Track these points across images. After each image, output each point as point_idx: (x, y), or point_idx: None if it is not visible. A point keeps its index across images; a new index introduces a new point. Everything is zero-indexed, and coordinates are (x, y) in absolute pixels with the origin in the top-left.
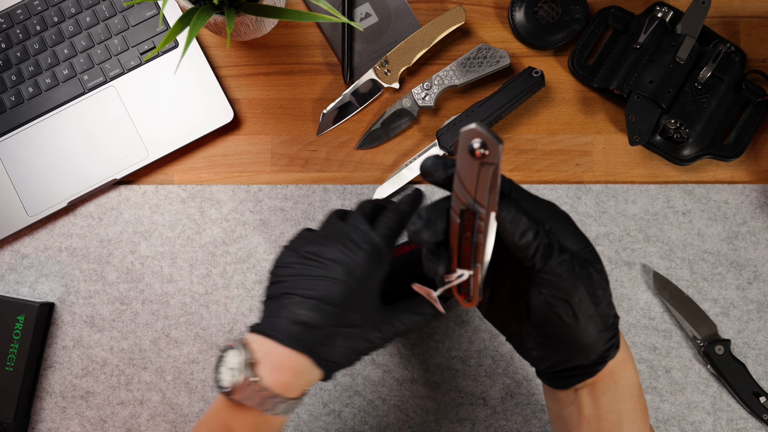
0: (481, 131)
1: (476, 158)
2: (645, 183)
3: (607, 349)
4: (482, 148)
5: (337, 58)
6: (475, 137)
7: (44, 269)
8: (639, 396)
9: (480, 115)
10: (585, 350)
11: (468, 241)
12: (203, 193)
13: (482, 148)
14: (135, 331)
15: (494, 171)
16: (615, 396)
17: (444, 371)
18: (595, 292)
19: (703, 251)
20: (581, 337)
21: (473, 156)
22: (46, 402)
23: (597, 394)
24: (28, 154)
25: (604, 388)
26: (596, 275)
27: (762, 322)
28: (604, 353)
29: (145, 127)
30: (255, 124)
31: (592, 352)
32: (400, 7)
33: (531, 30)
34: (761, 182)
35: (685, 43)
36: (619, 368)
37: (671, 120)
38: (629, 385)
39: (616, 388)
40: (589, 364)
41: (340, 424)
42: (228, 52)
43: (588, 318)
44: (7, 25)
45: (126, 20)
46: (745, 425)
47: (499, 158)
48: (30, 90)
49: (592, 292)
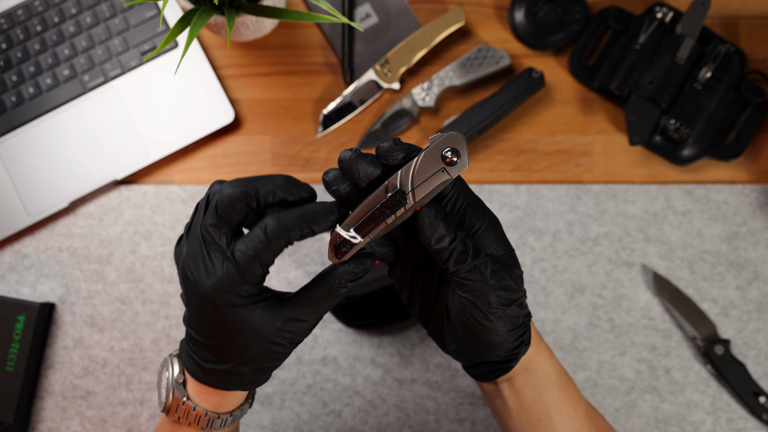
0: (464, 145)
1: (442, 162)
2: (645, 183)
3: (517, 346)
4: (454, 156)
5: (338, 59)
6: (456, 145)
7: (45, 269)
8: (562, 383)
9: (480, 115)
10: (494, 348)
11: (380, 217)
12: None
13: (454, 156)
14: (135, 331)
15: (444, 182)
16: (535, 388)
17: (444, 371)
18: (505, 295)
19: (702, 251)
20: (490, 335)
21: (442, 159)
22: (46, 402)
23: (517, 388)
24: (29, 155)
25: (523, 382)
26: (510, 280)
27: (762, 322)
28: (514, 350)
29: (146, 128)
30: (255, 124)
31: (501, 349)
32: (400, 7)
33: (531, 30)
34: (761, 182)
35: (685, 43)
36: (534, 361)
37: (671, 120)
38: (546, 374)
39: (534, 380)
40: (502, 361)
41: (340, 424)
42: (228, 53)
43: (497, 318)
44: (7, 26)
45: (126, 21)
46: (745, 425)
47: (457, 176)
48: (30, 90)
49: (501, 295)
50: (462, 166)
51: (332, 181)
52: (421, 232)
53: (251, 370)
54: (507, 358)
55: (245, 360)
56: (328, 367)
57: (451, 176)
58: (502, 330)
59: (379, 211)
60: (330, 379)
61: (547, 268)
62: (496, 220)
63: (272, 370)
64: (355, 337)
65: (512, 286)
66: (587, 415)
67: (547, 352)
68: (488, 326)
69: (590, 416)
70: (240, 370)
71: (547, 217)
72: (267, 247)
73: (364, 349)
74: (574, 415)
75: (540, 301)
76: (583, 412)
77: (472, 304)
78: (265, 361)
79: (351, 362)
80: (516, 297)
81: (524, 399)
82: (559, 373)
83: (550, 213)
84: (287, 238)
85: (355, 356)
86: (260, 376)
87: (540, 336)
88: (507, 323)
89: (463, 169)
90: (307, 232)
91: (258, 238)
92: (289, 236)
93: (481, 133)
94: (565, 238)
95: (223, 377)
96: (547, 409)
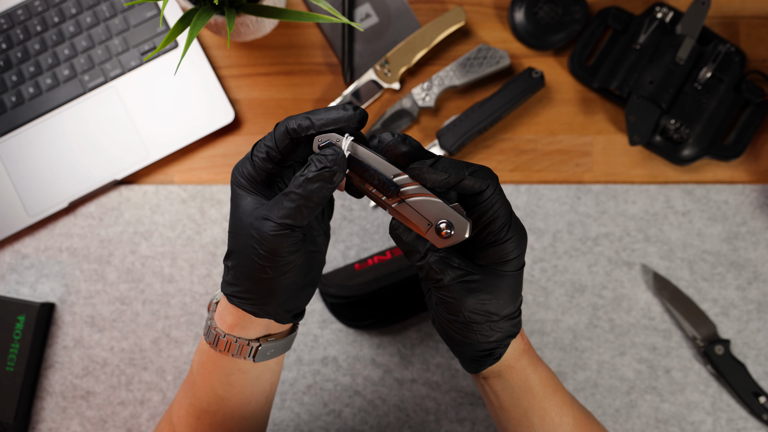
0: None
1: (435, 225)
2: (645, 183)
3: (486, 351)
4: (448, 229)
5: (338, 59)
6: (457, 226)
7: (45, 269)
8: (547, 392)
9: (480, 115)
10: (460, 344)
11: (369, 178)
12: (204, 193)
13: (448, 229)
14: (135, 331)
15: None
16: (512, 393)
17: (444, 371)
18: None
19: (702, 251)
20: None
21: (438, 234)
22: (46, 402)
23: (496, 390)
24: (29, 155)
25: (502, 386)
26: (488, 301)
27: (762, 322)
28: (482, 353)
29: (146, 128)
30: (255, 124)
31: (477, 349)
32: (400, 7)
33: (531, 30)
34: (761, 182)
35: (685, 43)
36: (505, 370)
37: (671, 120)
38: (521, 379)
39: (510, 387)
40: (473, 359)
41: (340, 424)
42: (228, 53)
43: (471, 326)
44: (7, 26)
45: (126, 21)
46: (745, 425)
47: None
48: (30, 90)
49: (474, 311)
50: (439, 243)
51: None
52: (398, 243)
53: (245, 276)
54: (476, 357)
55: (240, 258)
56: (328, 367)
57: (424, 236)
58: (473, 338)
59: (373, 177)
60: (330, 379)
61: (547, 268)
62: (522, 234)
63: (266, 291)
64: (355, 337)
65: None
66: (575, 422)
67: (529, 366)
68: (457, 332)
69: (579, 423)
70: (238, 273)
71: (547, 217)
72: (271, 134)
73: (364, 349)
74: (559, 423)
75: (540, 301)
76: (571, 420)
77: (445, 313)
78: (251, 267)
79: (351, 362)
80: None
81: (503, 400)
82: (540, 378)
83: (550, 213)
84: (287, 124)
85: (355, 356)
86: (257, 290)
87: (522, 344)
88: (476, 335)
89: (436, 245)
90: (307, 124)
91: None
92: (287, 123)
93: (481, 133)
94: (565, 238)
95: (228, 278)
96: (527, 414)
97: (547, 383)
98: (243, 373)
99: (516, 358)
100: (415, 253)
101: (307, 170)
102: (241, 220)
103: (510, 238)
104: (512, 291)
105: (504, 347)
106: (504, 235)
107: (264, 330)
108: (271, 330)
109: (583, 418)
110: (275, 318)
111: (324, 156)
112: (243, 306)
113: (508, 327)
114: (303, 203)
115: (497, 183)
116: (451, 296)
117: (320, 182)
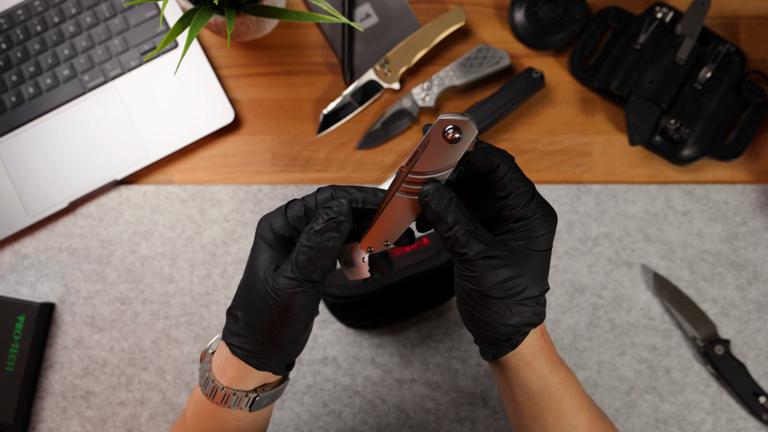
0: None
1: (447, 140)
2: (645, 183)
3: (511, 335)
4: (455, 133)
5: (338, 59)
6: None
7: (45, 269)
8: (560, 390)
9: (480, 115)
10: (484, 327)
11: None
12: (203, 193)
13: (456, 133)
14: (135, 331)
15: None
16: (528, 390)
17: (444, 371)
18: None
19: (702, 251)
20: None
21: (445, 139)
22: (46, 402)
23: (512, 384)
24: (29, 155)
25: (518, 381)
26: (511, 278)
27: (762, 322)
28: (502, 338)
29: (146, 128)
30: (255, 124)
31: (495, 331)
32: (400, 7)
33: (531, 30)
34: (761, 182)
35: (685, 43)
36: (522, 367)
37: (671, 120)
38: (539, 378)
39: (527, 384)
40: (492, 344)
41: (340, 424)
42: (228, 53)
43: (494, 303)
44: (7, 26)
45: (126, 21)
46: (745, 425)
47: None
48: (30, 90)
49: (496, 287)
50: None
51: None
52: (430, 219)
53: (254, 329)
54: (494, 341)
55: (251, 311)
56: (328, 367)
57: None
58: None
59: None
60: (330, 379)
61: None
62: (550, 214)
63: (274, 345)
64: (355, 337)
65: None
66: (591, 425)
67: (548, 365)
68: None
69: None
70: (248, 325)
71: None
72: (312, 195)
73: (364, 349)
74: (575, 426)
75: None
76: (587, 423)
77: (467, 293)
78: (264, 321)
79: (351, 362)
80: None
81: (518, 395)
82: (562, 385)
83: None
84: (299, 205)
85: (355, 356)
86: (264, 344)
87: (542, 347)
88: (500, 314)
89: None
90: (303, 208)
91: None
92: (293, 208)
93: (481, 134)
94: (565, 238)
95: (234, 328)
96: (542, 412)
97: (566, 386)
98: (238, 421)
99: (534, 355)
100: (442, 222)
101: (315, 223)
102: (257, 273)
103: (535, 214)
104: (536, 272)
105: (522, 335)
106: (528, 212)
107: (261, 381)
108: (268, 380)
109: (599, 422)
110: (274, 371)
111: (330, 208)
112: (247, 359)
113: (528, 313)
114: (314, 255)
115: (512, 161)
116: (474, 270)
117: (329, 232)
